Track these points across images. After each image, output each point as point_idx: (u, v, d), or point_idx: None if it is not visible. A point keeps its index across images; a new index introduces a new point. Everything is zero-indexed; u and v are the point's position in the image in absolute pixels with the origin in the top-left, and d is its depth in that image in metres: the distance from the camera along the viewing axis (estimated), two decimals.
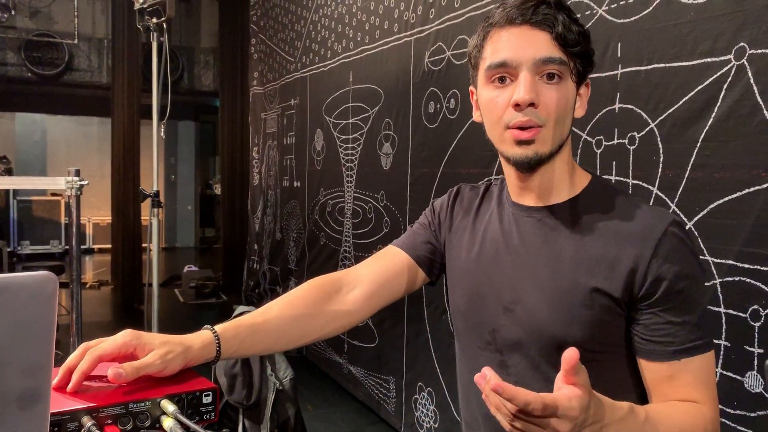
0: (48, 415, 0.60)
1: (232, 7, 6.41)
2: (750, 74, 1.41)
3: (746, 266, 1.43)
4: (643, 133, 1.68)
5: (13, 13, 7.05)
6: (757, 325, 1.41)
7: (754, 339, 1.42)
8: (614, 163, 1.78)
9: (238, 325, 0.95)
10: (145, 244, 5.84)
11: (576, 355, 0.67)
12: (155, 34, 3.48)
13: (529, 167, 0.91)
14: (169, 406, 0.78)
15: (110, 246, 6.86)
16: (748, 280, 1.42)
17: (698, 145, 1.54)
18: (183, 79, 7.99)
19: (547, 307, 0.91)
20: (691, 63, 1.55)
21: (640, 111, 1.68)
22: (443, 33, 2.65)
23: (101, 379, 0.82)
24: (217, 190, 9.40)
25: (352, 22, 3.55)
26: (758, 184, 1.41)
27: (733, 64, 1.45)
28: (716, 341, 1.47)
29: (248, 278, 5.79)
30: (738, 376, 1.46)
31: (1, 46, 7.09)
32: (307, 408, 3.42)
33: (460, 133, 2.54)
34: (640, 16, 1.67)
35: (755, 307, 1.41)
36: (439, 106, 2.69)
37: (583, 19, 1.75)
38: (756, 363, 1.42)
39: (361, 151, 3.46)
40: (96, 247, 9.49)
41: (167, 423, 0.77)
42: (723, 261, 1.48)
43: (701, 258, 0.90)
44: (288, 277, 4.69)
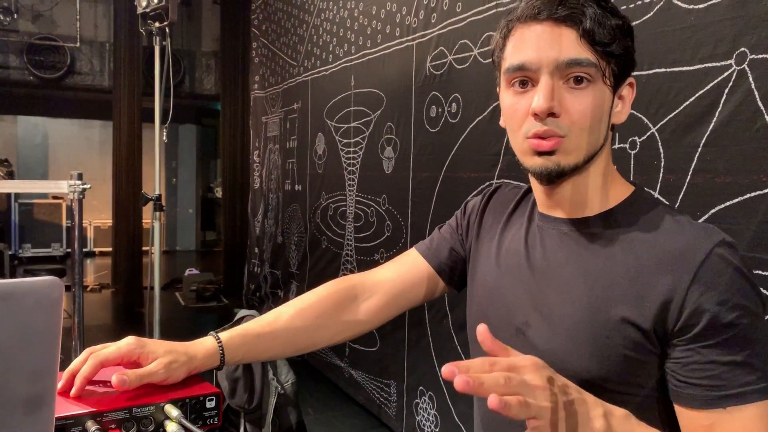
0: (53, 420, 0.60)
1: (234, 11, 6.42)
2: (751, 79, 1.41)
3: None
4: (644, 137, 1.68)
5: (16, 16, 7.07)
6: None
7: None
8: (615, 167, 1.77)
9: (245, 333, 0.94)
10: (145, 247, 5.85)
11: (485, 331, 0.61)
12: (158, 38, 3.49)
13: (550, 179, 0.82)
14: (172, 411, 0.79)
15: (111, 249, 6.86)
16: None
17: (699, 150, 1.54)
18: (184, 83, 8.01)
19: (563, 335, 0.80)
20: (692, 68, 1.55)
21: (641, 115, 1.68)
22: (445, 37, 2.66)
23: (105, 384, 0.82)
24: (218, 193, 9.41)
25: (354, 27, 3.56)
26: (759, 189, 1.41)
27: (734, 69, 1.45)
28: None
29: (249, 282, 5.79)
30: None
31: (4, 50, 7.10)
32: (308, 411, 3.42)
33: (462, 137, 2.54)
34: (641, 21, 1.67)
35: None
36: (440, 110, 2.69)
37: None
38: None
39: (363, 155, 3.46)
40: (97, 250, 9.49)
41: (171, 428, 0.77)
42: None
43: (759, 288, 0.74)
44: (289, 281, 4.68)
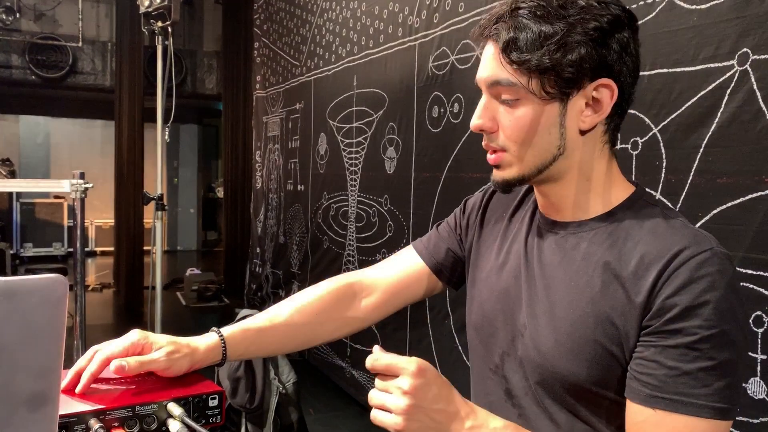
0: (56, 418, 0.60)
1: (236, 11, 6.43)
2: (753, 80, 1.41)
3: (749, 272, 1.43)
4: (646, 138, 1.68)
5: (18, 16, 7.08)
6: (761, 331, 1.41)
7: (758, 345, 1.41)
8: (617, 168, 1.77)
9: (245, 329, 0.95)
10: (147, 247, 5.85)
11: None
12: (160, 38, 3.50)
13: (504, 189, 0.85)
14: (175, 409, 0.79)
15: (113, 249, 6.86)
16: (752, 286, 1.42)
17: (701, 151, 1.54)
18: (186, 83, 8.01)
19: (554, 337, 0.80)
20: (694, 68, 1.55)
21: (643, 116, 1.68)
22: (447, 37, 2.66)
23: (110, 381, 0.83)
24: (220, 193, 9.41)
25: (357, 27, 3.57)
26: (761, 190, 1.41)
27: (736, 69, 1.45)
28: None
29: (251, 281, 5.79)
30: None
31: (6, 49, 7.11)
32: (309, 412, 3.42)
33: (464, 138, 2.54)
34: (643, 21, 1.67)
35: (758, 314, 1.41)
36: (442, 110, 2.70)
37: None
38: (759, 369, 1.41)
39: (365, 155, 3.46)
40: (98, 249, 9.50)
41: (174, 426, 0.77)
42: None
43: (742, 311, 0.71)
44: (291, 281, 4.69)
